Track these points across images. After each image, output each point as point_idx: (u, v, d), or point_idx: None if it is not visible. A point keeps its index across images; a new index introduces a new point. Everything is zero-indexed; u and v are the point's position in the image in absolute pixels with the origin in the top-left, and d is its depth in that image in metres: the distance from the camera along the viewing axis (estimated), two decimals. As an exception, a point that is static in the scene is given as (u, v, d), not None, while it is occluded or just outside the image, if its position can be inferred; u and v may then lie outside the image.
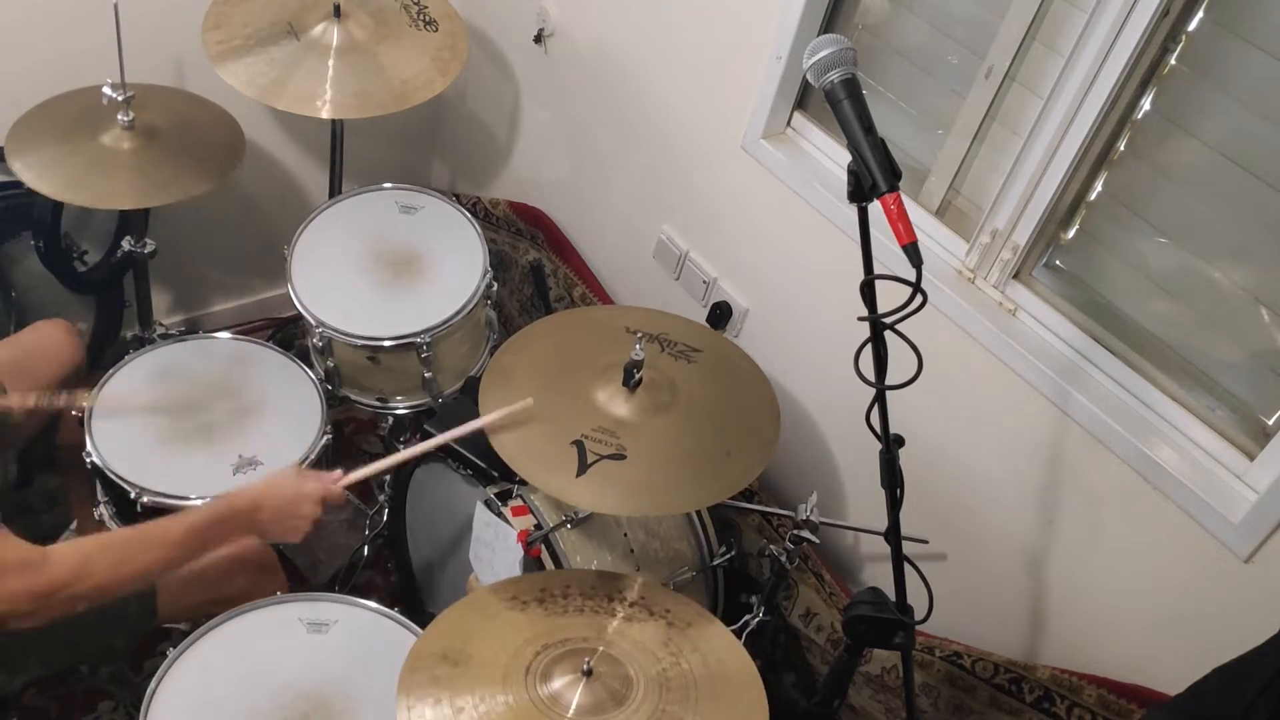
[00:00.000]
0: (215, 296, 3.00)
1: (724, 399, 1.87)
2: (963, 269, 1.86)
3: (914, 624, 1.58)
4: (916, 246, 1.34)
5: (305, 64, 2.22)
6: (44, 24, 2.32)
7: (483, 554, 2.01)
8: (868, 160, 1.35)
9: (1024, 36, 1.71)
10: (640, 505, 1.75)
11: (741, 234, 2.22)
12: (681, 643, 1.57)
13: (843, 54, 1.38)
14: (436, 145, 3.09)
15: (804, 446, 2.20)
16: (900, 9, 1.91)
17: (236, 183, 2.49)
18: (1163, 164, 1.62)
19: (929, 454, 1.92)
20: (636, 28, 2.31)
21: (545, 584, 1.68)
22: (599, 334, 1.96)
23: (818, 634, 2.17)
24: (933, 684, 1.96)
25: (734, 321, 2.29)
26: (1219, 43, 1.52)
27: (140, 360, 2.16)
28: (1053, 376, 1.72)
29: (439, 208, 2.42)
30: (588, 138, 2.56)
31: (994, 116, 1.80)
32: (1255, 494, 1.53)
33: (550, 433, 1.75)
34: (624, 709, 1.46)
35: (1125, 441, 1.64)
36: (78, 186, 2.07)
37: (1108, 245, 1.72)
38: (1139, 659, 1.72)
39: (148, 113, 2.18)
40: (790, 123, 2.09)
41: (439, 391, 2.29)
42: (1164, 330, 1.67)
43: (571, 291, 2.62)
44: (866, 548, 2.17)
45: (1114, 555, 1.71)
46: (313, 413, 2.13)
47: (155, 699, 1.63)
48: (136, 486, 1.96)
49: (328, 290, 2.23)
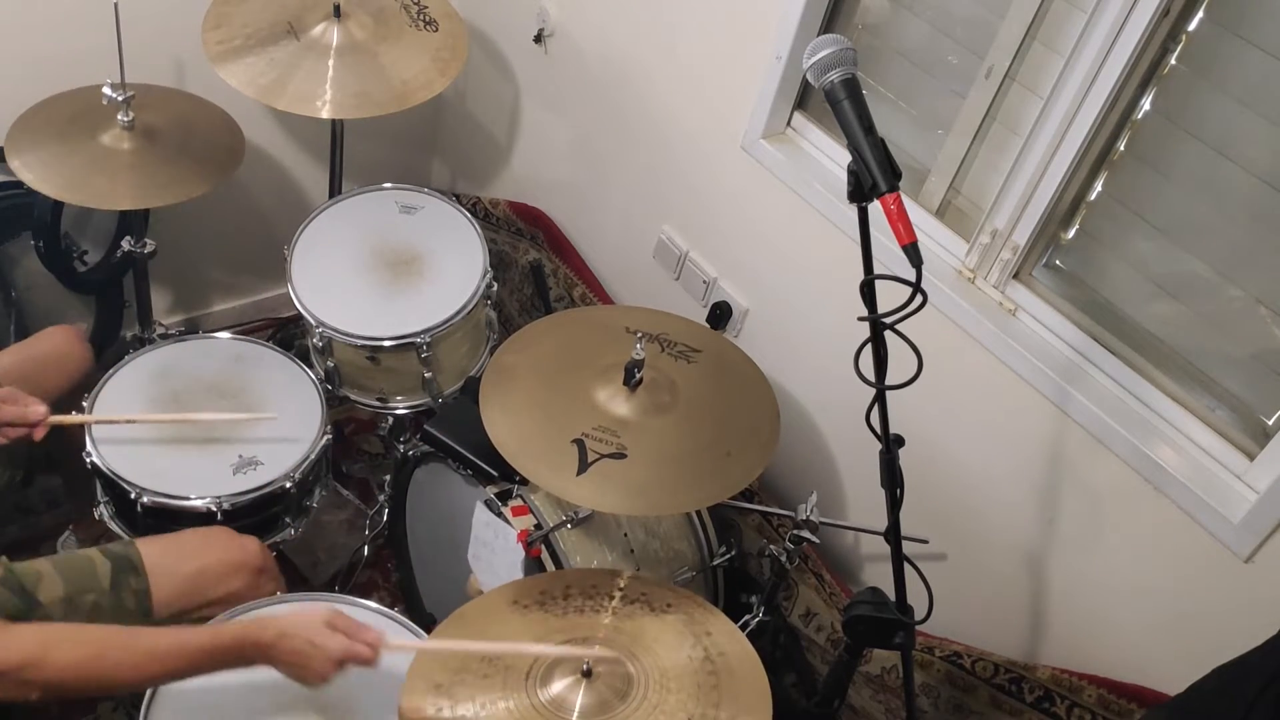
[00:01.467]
0: (215, 296, 3.00)
1: (724, 399, 1.87)
2: (963, 269, 1.86)
3: (914, 624, 1.58)
4: (916, 246, 1.34)
5: (305, 64, 2.22)
6: (44, 24, 2.32)
7: (483, 554, 2.01)
8: (868, 160, 1.35)
9: (1024, 36, 1.71)
10: (640, 505, 1.75)
11: (741, 234, 2.22)
12: (684, 636, 1.57)
13: (843, 54, 1.38)
14: (436, 145, 3.09)
15: (804, 446, 2.20)
16: (900, 9, 1.91)
17: (236, 183, 2.49)
18: (1163, 164, 1.62)
19: (929, 454, 1.92)
20: (636, 28, 2.31)
21: (545, 587, 1.68)
22: (599, 334, 1.96)
23: (818, 634, 2.17)
24: (933, 684, 1.96)
25: (734, 321, 2.29)
26: (1219, 43, 1.52)
27: (140, 360, 2.16)
28: (1053, 376, 1.72)
29: (439, 208, 2.41)
30: (588, 138, 2.56)
31: (994, 116, 1.80)
32: (1255, 494, 1.53)
33: (551, 432, 1.75)
34: (627, 705, 1.46)
35: (1125, 441, 1.64)
36: (78, 186, 2.07)
37: (1108, 245, 1.72)
38: (1139, 659, 1.72)
39: (148, 113, 2.18)
40: (790, 123, 2.09)
41: (439, 391, 2.29)
42: (1164, 330, 1.67)
43: (571, 291, 2.62)
44: (866, 548, 2.17)
45: (1114, 555, 1.71)
46: (313, 413, 2.13)
47: (155, 699, 1.63)
48: (136, 486, 1.96)
49: (328, 290, 2.23)
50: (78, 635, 1.47)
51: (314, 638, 1.49)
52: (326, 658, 1.49)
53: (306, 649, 1.49)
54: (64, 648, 1.43)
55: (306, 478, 2.08)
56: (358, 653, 1.50)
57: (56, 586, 1.67)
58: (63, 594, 1.66)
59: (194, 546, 1.81)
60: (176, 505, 1.96)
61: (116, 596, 1.70)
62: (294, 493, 2.06)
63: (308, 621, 1.51)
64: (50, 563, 1.70)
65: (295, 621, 1.51)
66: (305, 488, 2.12)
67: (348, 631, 1.52)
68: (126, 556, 1.74)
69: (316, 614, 1.52)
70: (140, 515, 1.98)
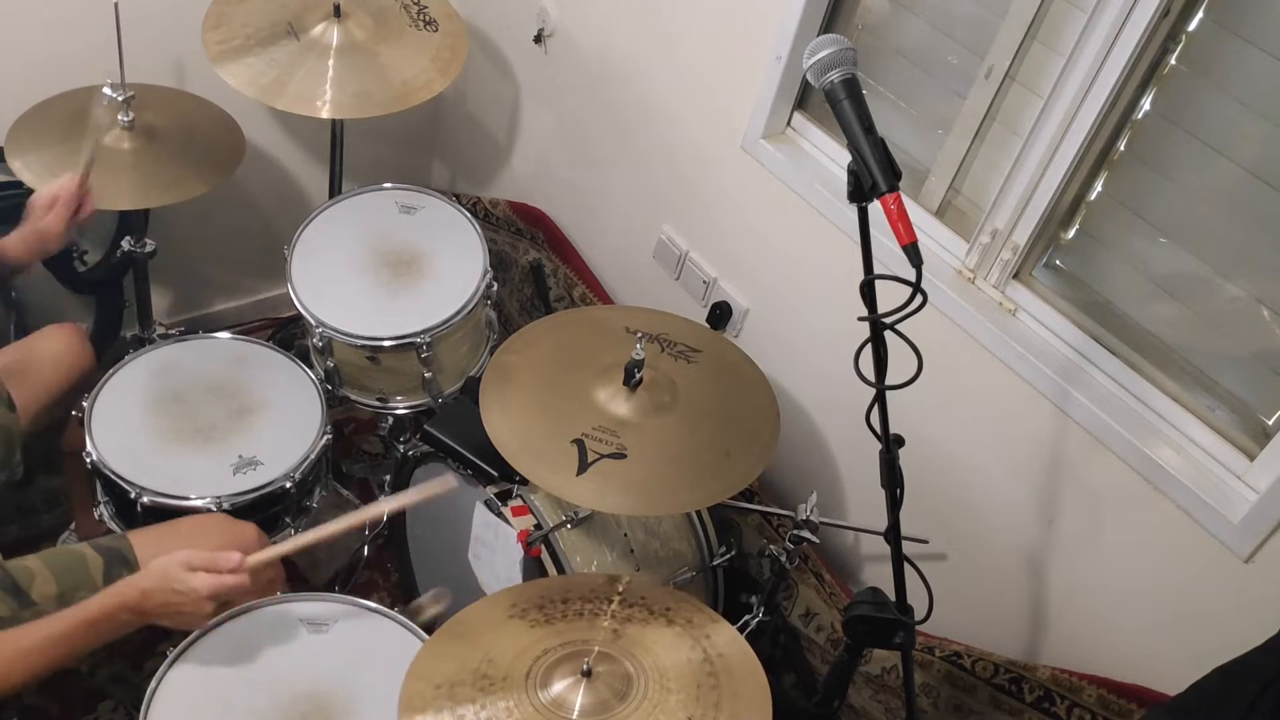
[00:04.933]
0: (215, 296, 3.00)
1: (724, 399, 1.87)
2: (963, 269, 1.86)
3: (914, 624, 1.58)
4: (916, 246, 1.34)
5: (305, 64, 2.22)
6: (44, 24, 2.32)
7: (482, 554, 2.01)
8: (868, 160, 1.36)
9: (1024, 36, 1.71)
10: (640, 505, 1.75)
11: (741, 234, 2.22)
12: (683, 638, 1.57)
13: (843, 54, 1.38)
14: (436, 145, 3.09)
15: (804, 446, 2.20)
16: (900, 9, 1.91)
17: (236, 183, 2.49)
18: (1163, 164, 1.62)
19: (929, 454, 1.92)
20: (636, 28, 2.31)
21: (544, 590, 1.68)
22: (599, 334, 1.96)
23: (818, 634, 2.17)
24: (933, 684, 1.96)
25: (734, 321, 2.29)
26: (1219, 43, 1.52)
27: (140, 360, 2.16)
28: (1053, 376, 1.72)
29: (439, 208, 2.42)
30: (588, 138, 2.56)
31: (994, 116, 1.80)
32: (1255, 494, 1.53)
33: (551, 432, 1.75)
34: (626, 705, 1.46)
35: (1125, 441, 1.64)
36: (78, 187, 2.07)
37: (1108, 245, 1.72)
38: (1139, 659, 1.72)
39: (148, 113, 2.19)
40: (790, 123, 2.09)
41: (439, 391, 2.29)
42: (1164, 330, 1.67)
43: (571, 291, 2.62)
44: (866, 548, 2.17)
45: (1114, 555, 1.71)
46: (313, 413, 2.13)
47: (155, 699, 1.63)
48: (136, 486, 1.96)
49: (328, 290, 2.23)
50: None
51: (175, 584, 1.53)
52: (197, 598, 1.53)
53: (173, 597, 1.53)
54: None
55: (306, 478, 2.08)
56: (224, 583, 1.55)
57: (49, 584, 1.66)
58: (56, 591, 1.66)
59: (187, 534, 1.80)
60: (176, 505, 1.96)
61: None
62: (294, 493, 2.06)
63: (165, 570, 1.55)
64: (42, 560, 1.69)
65: (154, 573, 1.55)
66: (305, 488, 2.12)
67: (207, 566, 1.56)
68: (118, 550, 1.73)
69: (171, 561, 1.55)
70: (140, 515, 1.97)
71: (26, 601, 1.63)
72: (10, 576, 1.64)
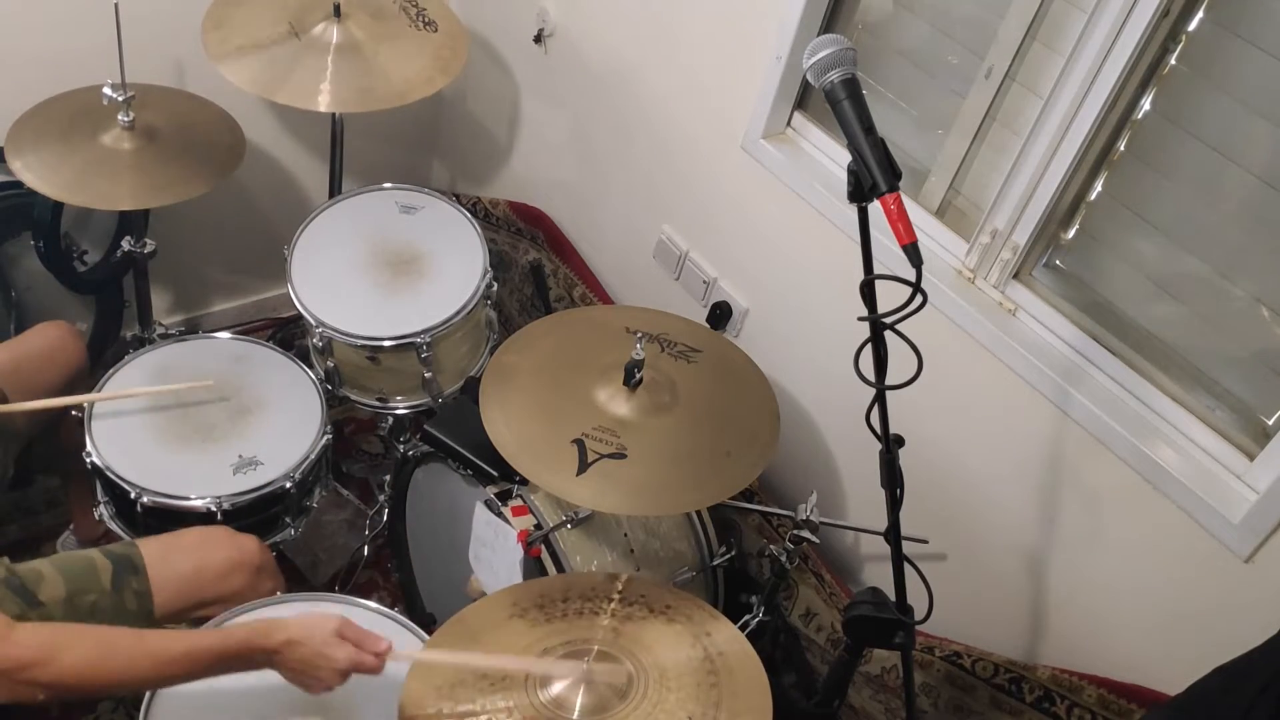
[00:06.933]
0: (215, 296, 3.00)
1: (724, 399, 1.87)
2: (963, 269, 1.86)
3: (914, 624, 1.58)
4: (916, 246, 1.34)
5: (305, 64, 2.22)
6: (44, 24, 2.33)
7: (482, 554, 2.01)
8: (868, 160, 1.35)
9: (1024, 36, 1.71)
10: (640, 505, 1.75)
11: (741, 234, 2.22)
12: (683, 636, 1.57)
13: (843, 54, 1.38)
14: (436, 145, 3.09)
15: (804, 446, 2.20)
16: (900, 9, 1.91)
17: (236, 183, 2.49)
18: (1163, 164, 1.62)
19: (929, 454, 1.92)
20: (636, 28, 2.31)
21: (544, 590, 1.68)
22: (599, 334, 1.96)
23: (818, 634, 2.17)
24: (933, 684, 1.96)
25: (734, 321, 2.29)
26: (1219, 43, 1.52)
27: (140, 360, 2.16)
28: (1053, 376, 1.72)
29: (439, 208, 2.41)
30: (587, 138, 2.56)
31: (994, 116, 1.80)
32: (1255, 494, 1.53)
33: (551, 432, 1.75)
34: (627, 705, 1.46)
35: (1125, 441, 1.64)
36: (78, 187, 2.07)
37: (1108, 245, 1.72)
38: (1139, 659, 1.72)
39: (148, 113, 2.18)
40: (790, 123, 2.09)
41: (439, 391, 2.29)
42: (1164, 330, 1.67)
43: (571, 291, 2.62)
44: (866, 548, 2.17)
45: (1114, 555, 1.71)
46: (313, 413, 2.13)
47: (155, 699, 1.63)
48: (136, 486, 1.96)
49: (327, 290, 2.23)
50: (85, 636, 1.45)
51: (323, 648, 1.47)
52: (333, 669, 1.47)
53: (314, 658, 1.47)
54: (72, 648, 1.41)
55: (306, 478, 2.08)
56: (364, 663, 1.48)
57: (58, 587, 1.67)
58: (64, 594, 1.67)
59: (193, 546, 1.80)
60: (176, 505, 1.96)
61: (117, 597, 1.70)
62: (294, 493, 2.06)
63: (317, 631, 1.48)
64: (51, 563, 1.70)
65: (305, 629, 1.48)
66: (305, 488, 2.12)
67: (357, 641, 1.49)
68: (128, 557, 1.74)
69: (327, 623, 1.49)
70: (140, 515, 1.98)
71: (34, 603, 1.63)
72: (19, 579, 1.64)
